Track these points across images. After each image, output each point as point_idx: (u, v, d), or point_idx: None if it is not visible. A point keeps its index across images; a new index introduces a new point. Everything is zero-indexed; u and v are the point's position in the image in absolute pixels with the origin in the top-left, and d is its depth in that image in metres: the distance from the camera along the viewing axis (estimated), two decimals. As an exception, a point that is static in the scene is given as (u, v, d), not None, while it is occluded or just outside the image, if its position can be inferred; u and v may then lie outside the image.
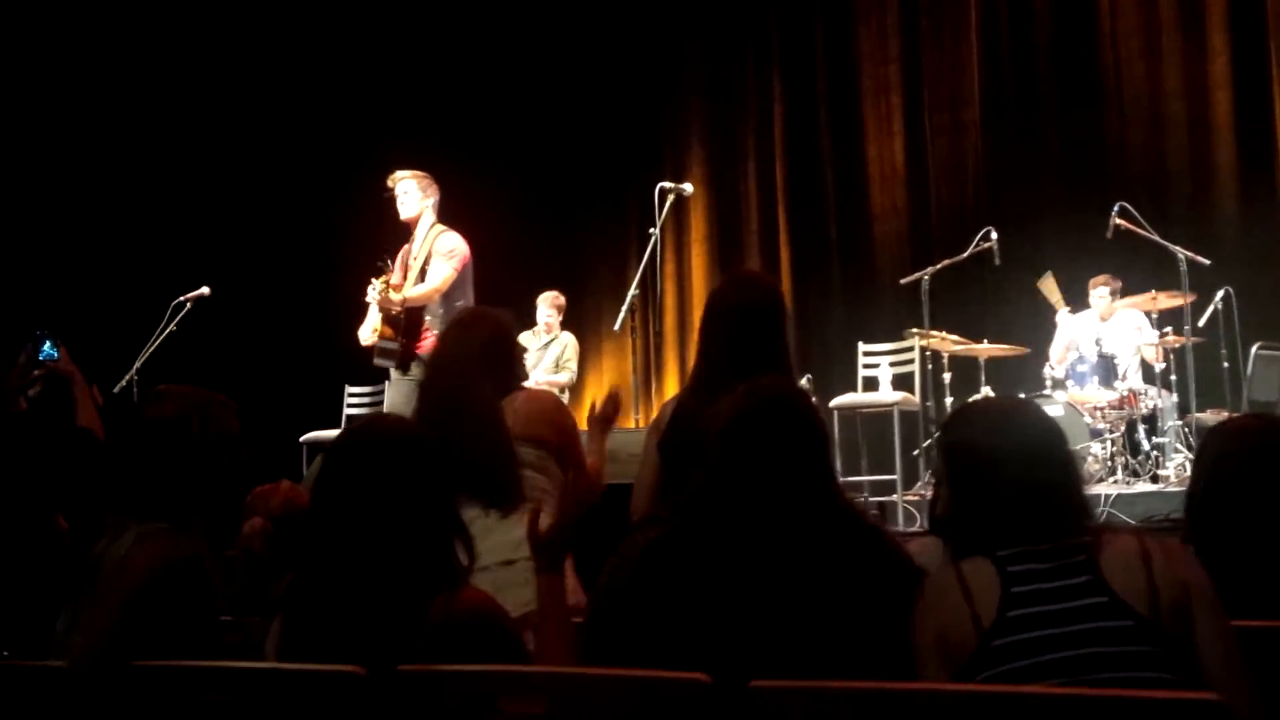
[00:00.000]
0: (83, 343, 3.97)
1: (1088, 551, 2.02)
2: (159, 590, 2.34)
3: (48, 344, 3.58)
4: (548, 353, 8.00)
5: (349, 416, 8.29)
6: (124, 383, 6.56)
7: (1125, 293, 7.15)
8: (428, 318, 5.78)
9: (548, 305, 8.08)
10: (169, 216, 8.52)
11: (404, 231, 5.98)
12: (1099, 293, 7.25)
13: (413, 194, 5.96)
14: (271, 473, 3.68)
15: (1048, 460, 2.13)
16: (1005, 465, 2.10)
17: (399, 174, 6.00)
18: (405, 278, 5.86)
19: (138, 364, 6.65)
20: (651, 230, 6.02)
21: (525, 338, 8.18)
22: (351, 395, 8.44)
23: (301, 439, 7.86)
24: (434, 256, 5.84)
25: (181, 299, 6.82)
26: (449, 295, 5.76)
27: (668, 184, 6.10)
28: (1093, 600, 1.97)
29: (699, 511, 2.18)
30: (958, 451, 2.20)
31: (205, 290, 6.87)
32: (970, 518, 2.12)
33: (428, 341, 5.74)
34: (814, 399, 6.80)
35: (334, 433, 5.15)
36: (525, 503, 3.11)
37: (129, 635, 2.28)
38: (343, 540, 2.18)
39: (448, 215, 6.07)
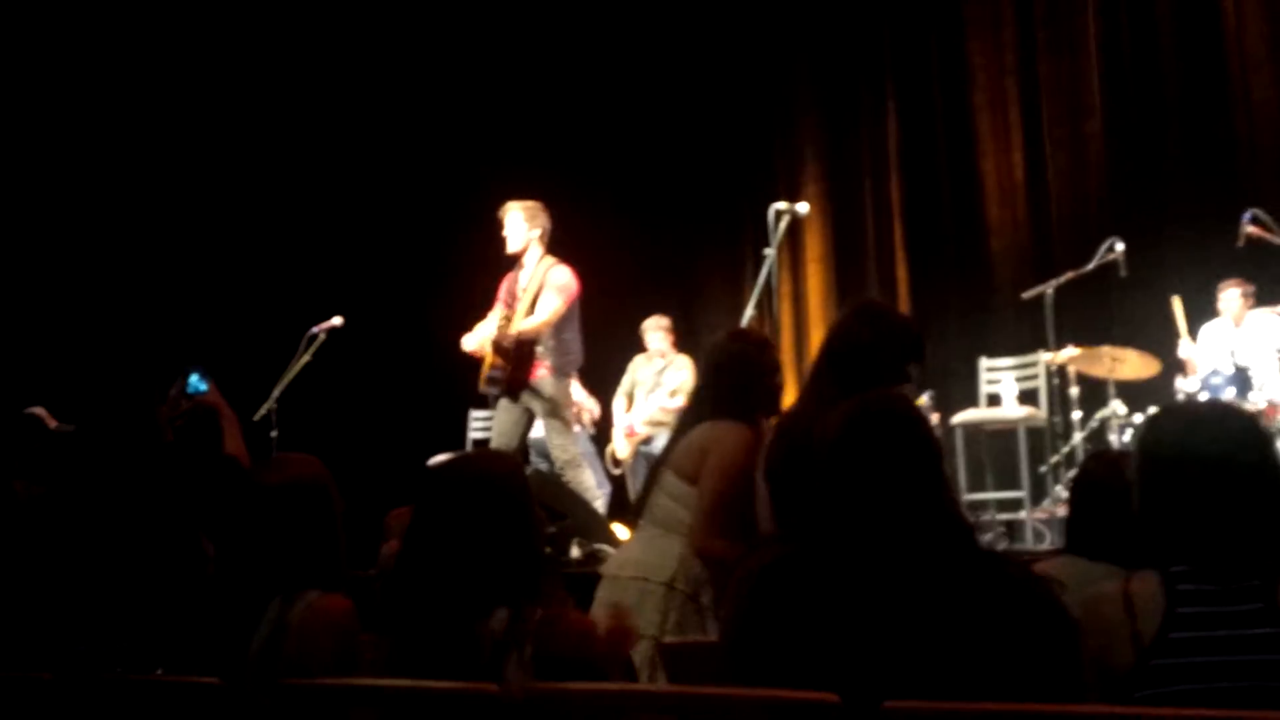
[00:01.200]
0: (225, 374, 4.14)
1: (1265, 578, 1.92)
2: (346, 657, 2.43)
3: (195, 377, 3.75)
4: (664, 377, 8.06)
5: (474, 440, 8.44)
6: (263, 412, 6.79)
7: (1261, 302, 6.95)
8: (539, 349, 6.05)
9: (656, 329, 8.15)
10: (302, 249, 8.81)
11: (510, 260, 6.20)
12: (1230, 295, 7.04)
13: (519, 225, 6.19)
14: (402, 498, 3.79)
15: (1248, 476, 2.00)
16: (1199, 473, 2.00)
17: (508, 205, 6.21)
18: (513, 307, 6.03)
19: (276, 393, 6.89)
20: (767, 251, 6.04)
21: (638, 363, 8.27)
22: (475, 419, 8.59)
23: (429, 463, 8.02)
24: (545, 289, 6.07)
25: (315, 329, 7.05)
26: (558, 327, 6.06)
27: (782, 204, 6.12)
28: (1264, 631, 1.88)
29: (812, 529, 2.16)
30: (1151, 451, 2.10)
31: (338, 320, 7.09)
32: (1151, 526, 2.05)
33: (540, 371, 6.06)
34: (935, 415, 6.80)
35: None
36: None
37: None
38: (440, 564, 2.29)
39: (562, 241, 6.23)
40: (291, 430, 6.86)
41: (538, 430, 6.70)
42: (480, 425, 8.56)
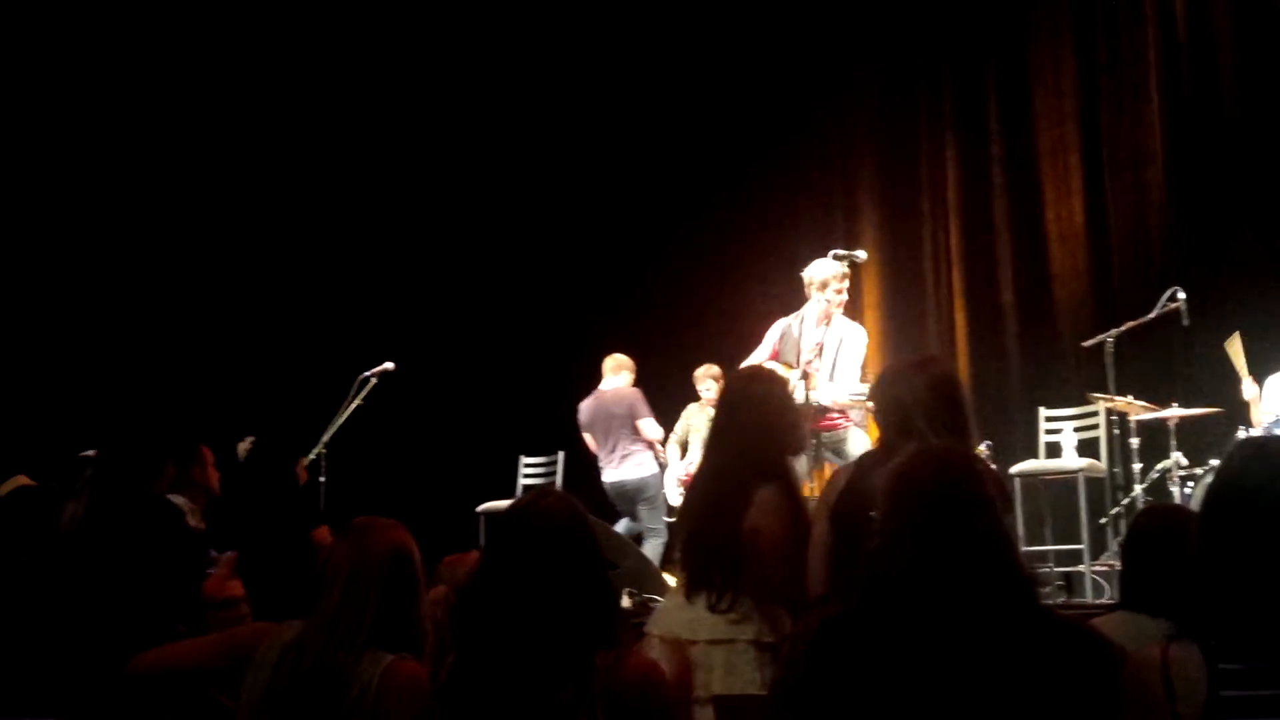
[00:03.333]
0: (277, 418, 4.24)
1: None
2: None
3: None
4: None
5: (524, 486, 8.43)
6: (312, 456, 6.82)
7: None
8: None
9: (708, 378, 8.13)
10: (354, 293, 8.90)
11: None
12: None
13: (839, 288, 6.31)
14: (451, 544, 3.78)
15: None
16: (1266, 513, 1.84)
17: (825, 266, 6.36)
18: (799, 357, 6.13)
19: (325, 438, 6.92)
20: (827, 299, 6.02)
21: (692, 411, 8.24)
22: (526, 465, 8.58)
23: (478, 509, 8.03)
24: (843, 348, 6.19)
25: (366, 374, 7.09)
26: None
27: (840, 250, 6.10)
28: None
29: (873, 586, 2.08)
30: (1220, 485, 1.94)
31: (389, 365, 7.13)
32: (1206, 575, 1.89)
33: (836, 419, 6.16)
34: (993, 466, 6.70)
35: (509, 503, 5.27)
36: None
37: None
38: (509, 611, 2.25)
39: (614, 286, 6.22)
40: (341, 475, 6.88)
41: None
42: (532, 471, 8.55)
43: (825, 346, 6.12)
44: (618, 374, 7.98)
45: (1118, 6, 8.56)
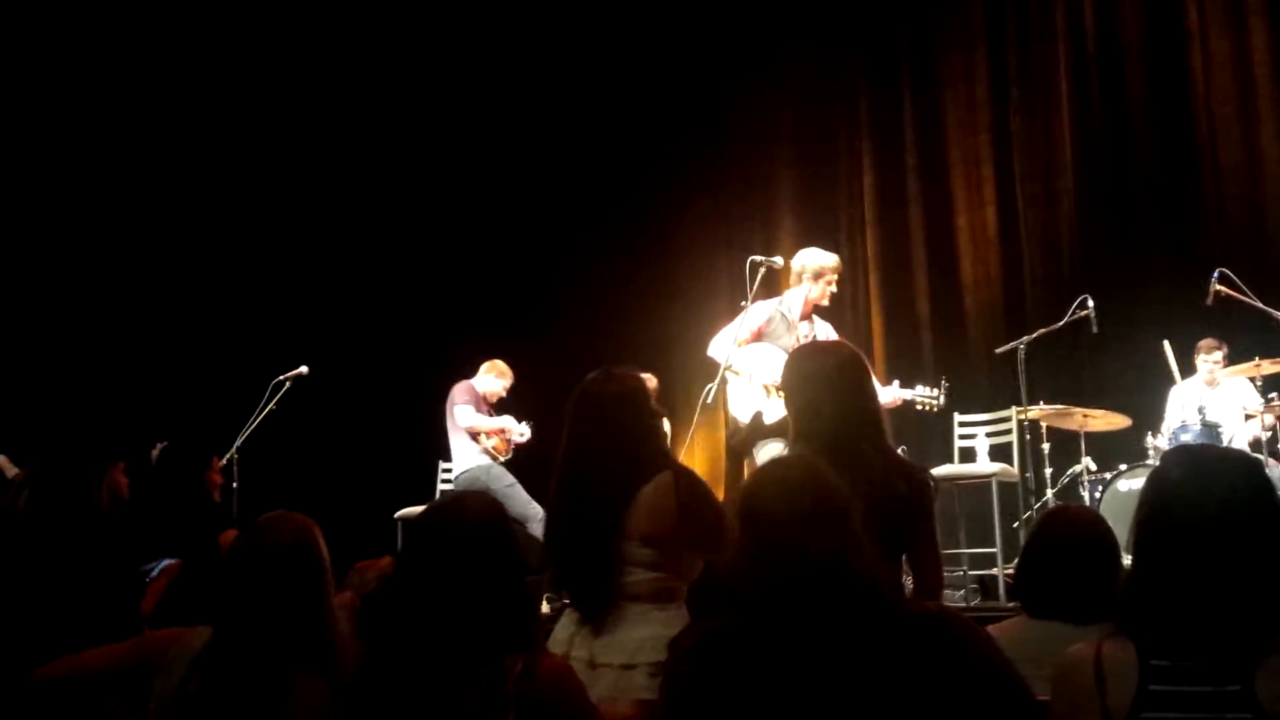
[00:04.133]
0: (188, 422, 4.17)
1: (1246, 656, 1.80)
2: None
3: None
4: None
5: (442, 492, 8.35)
6: (224, 462, 6.70)
7: (1228, 360, 6.98)
8: None
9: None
10: (270, 297, 8.76)
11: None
12: (1213, 358, 7.08)
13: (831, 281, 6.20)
14: (367, 550, 3.73)
15: (1253, 529, 1.87)
16: (1201, 522, 1.87)
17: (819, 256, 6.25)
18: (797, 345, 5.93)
19: (238, 442, 6.80)
20: (743, 303, 6.03)
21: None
22: (445, 470, 8.50)
23: (396, 515, 7.94)
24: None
25: (281, 378, 6.99)
26: None
27: (759, 257, 6.11)
28: (1241, 717, 1.77)
29: (734, 601, 2.07)
30: (1152, 496, 1.96)
31: (304, 369, 7.03)
32: (1139, 586, 1.92)
33: None
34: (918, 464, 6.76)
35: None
36: (623, 603, 3.05)
37: None
38: (422, 612, 2.20)
39: (535, 297, 6.17)
40: (254, 480, 6.76)
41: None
42: (449, 476, 8.47)
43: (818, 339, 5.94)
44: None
45: (1029, 19, 8.73)
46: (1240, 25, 7.97)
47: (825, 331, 6.25)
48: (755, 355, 6.13)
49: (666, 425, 7.81)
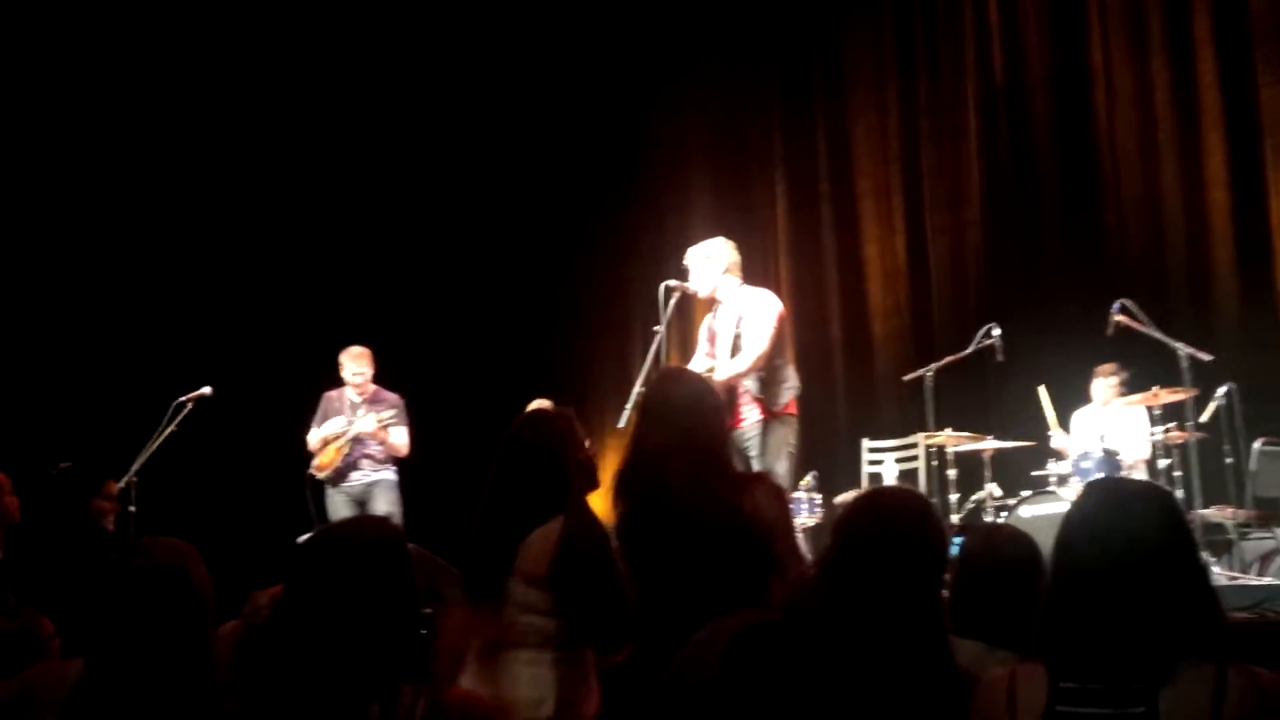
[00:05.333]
0: (86, 444, 4.05)
1: (1150, 679, 1.84)
2: None
3: None
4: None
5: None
6: (122, 484, 6.52)
7: (1128, 389, 7.12)
8: (745, 382, 5.55)
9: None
10: (172, 317, 8.57)
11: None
12: (1101, 383, 7.23)
13: (702, 266, 5.89)
14: (268, 576, 3.63)
15: (1163, 561, 1.93)
16: (1114, 552, 1.93)
17: (689, 251, 5.97)
18: (713, 347, 5.76)
19: (137, 465, 6.62)
20: (656, 328, 6.00)
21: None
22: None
23: (299, 539, 7.78)
24: (746, 319, 5.67)
25: (183, 399, 6.82)
26: (768, 355, 5.54)
27: (672, 282, 6.10)
28: None
29: (809, 606, 2.12)
30: (1068, 530, 2.02)
31: (207, 390, 6.88)
32: (1053, 612, 1.97)
33: (744, 411, 5.55)
34: (818, 495, 6.80)
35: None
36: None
37: None
38: (310, 639, 2.13)
39: (445, 322, 6.09)
40: (152, 504, 6.59)
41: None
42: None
43: (728, 323, 5.75)
44: None
45: (940, 53, 8.89)
46: (1142, 63, 8.18)
47: (745, 303, 5.87)
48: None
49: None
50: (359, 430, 7.23)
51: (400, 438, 7.30)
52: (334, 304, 8.79)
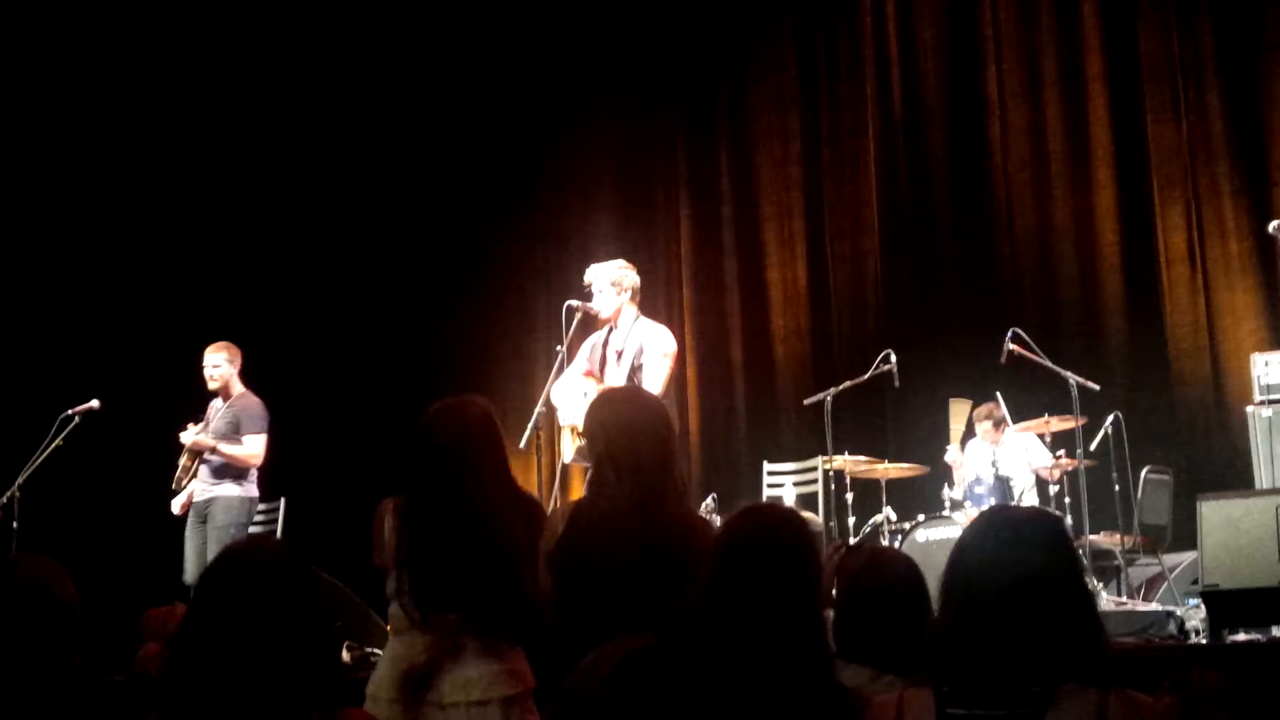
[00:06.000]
0: None
1: (1036, 704, 1.88)
2: None
3: None
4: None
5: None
6: (4, 499, 6.30)
7: (1020, 416, 7.26)
8: None
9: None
10: (58, 326, 8.31)
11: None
12: (984, 426, 7.38)
13: (608, 287, 5.88)
14: (163, 596, 3.55)
15: (1051, 589, 1.96)
16: (988, 589, 1.96)
17: (593, 267, 5.96)
18: (603, 371, 5.70)
19: (20, 479, 6.40)
20: (559, 348, 6.00)
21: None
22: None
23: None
24: (648, 353, 5.68)
25: (70, 412, 6.61)
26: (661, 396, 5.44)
27: (575, 302, 6.10)
28: None
29: (692, 629, 2.11)
30: (960, 556, 2.05)
31: (95, 403, 6.67)
32: (941, 639, 2.00)
33: None
34: (716, 518, 6.82)
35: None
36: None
37: None
38: (214, 665, 2.06)
39: (342, 337, 5.99)
40: (36, 520, 6.37)
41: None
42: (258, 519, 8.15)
43: (625, 352, 5.78)
44: None
45: (841, 83, 9.04)
46: (1036, 98, 8.41)
47: (645, 335, 5.90)
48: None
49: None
50: (184, 441, 6.74)
51: (238, 449, 6.70)
52: (230, 322, 8.59)
